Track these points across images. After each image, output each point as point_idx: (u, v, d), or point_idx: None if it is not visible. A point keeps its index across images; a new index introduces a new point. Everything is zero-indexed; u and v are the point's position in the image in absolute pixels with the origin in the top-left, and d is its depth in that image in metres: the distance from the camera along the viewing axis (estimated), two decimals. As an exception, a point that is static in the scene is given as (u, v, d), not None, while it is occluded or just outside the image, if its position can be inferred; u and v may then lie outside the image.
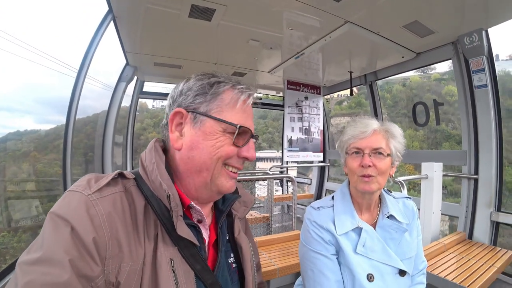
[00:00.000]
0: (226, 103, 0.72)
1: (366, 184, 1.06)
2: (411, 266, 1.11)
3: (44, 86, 3.29)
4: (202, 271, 0.69)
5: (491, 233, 2.45)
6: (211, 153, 0.70)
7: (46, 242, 0.54)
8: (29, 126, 3.15)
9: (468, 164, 2.68)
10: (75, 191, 0.61)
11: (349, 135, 1.10)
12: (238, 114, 0.72)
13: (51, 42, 2.90)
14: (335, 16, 2.32)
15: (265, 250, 2.28)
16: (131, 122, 4.21)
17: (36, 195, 2.97)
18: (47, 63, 2.76)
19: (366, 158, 1.05)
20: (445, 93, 27.55)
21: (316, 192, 5.28)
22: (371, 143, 1.06)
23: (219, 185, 0.73)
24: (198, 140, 0.70)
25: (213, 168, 0.71)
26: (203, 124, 0.71)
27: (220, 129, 0.71)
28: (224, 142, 0.71)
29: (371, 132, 1.07)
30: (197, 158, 0.70)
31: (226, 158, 0.72)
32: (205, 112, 0.71)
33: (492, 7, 2.16)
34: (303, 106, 4.51)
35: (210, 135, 0.70)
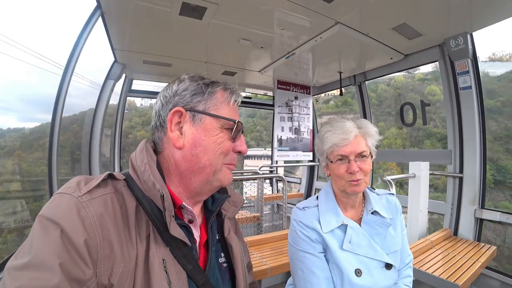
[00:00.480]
0: (220, 101, 0.75)
1: (355, 187, 1.08)
2: (397, 260, 1.14)
3: (29, 84, 3.19)
4: (193, 271, 0.69)
5: (475, 229, 2.54)
6: (214, 149, 0.72)
7: (35, 246, 0.53)
8: (12, 124, 3.05)
9: (453, 163, 2.76)
10: (65, 193, 0.59)
11: (330, 142, 1.10)
12: (231, 111, 0.77)
13: (36, 38, 2.81)
14: (326, 17, 2.34)
15: (256, 250, 2.28)
16: (119, 120, 4.12)
17: (22, 195, 2.88)
18: (32, 60, 2.67)
19: (353, 164, 1.07)
20: (427, 93, 28.60)
21: (305, 191, 5.33)
22: (355, 148, 1.08)
23: (221, 179, 0.75)
24: (200, 137, 0.72)
25: (216, 164, 0.73)
26: (202, 121, 0.73)
27: (219, 126, 0.74)
28: (223, 138, 0.74)
29: (353, 137, 1.08)
30: (201, 155, 0.72)
31: (226, 153, 0.75)
32: (204, 110, 0.73)
33: (476, 12, 2.24)
34: (293, 105, 4.54)
35: (211, 132, 0.73)
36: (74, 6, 2.99)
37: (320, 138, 1.17)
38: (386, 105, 29.56)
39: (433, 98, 26.65)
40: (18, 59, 2.52)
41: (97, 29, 2.49)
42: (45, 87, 2.81)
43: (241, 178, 3.45)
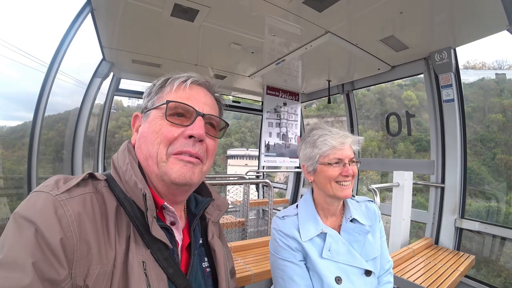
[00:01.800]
0: (167, 92, 0.75)
1: (346, 191, 1.11)
2: (377, 266, 1.16)
3: (10, 80, 3.08)
4: (175, 275, 0.67)
5: (455, 238, 2.61)
6: (152, 138, 0.70)
7: (7, 244, 0.51)
8: None
9: (436, 173, 2.84)
10: (42, 191, 0.58)
11: (328, 145, 1.12)
12: (175, 97, 0.72)
13: (20, 33, 2.73)
14: (316, 26, 2.38)
15: (240, 256, 2.25)
16: (105, 120, 4.02)
17: (3, 193, 2.79)
18: (15, 56, 2.59)
19: (348, 168, 1.11)
20: (404, 98, 29.83)
21: (291, 197, 5.34)
22: (348, 153, 1.13)
23: (168, 172, 0.68)
24: (144, 130, 0.73)
25: (155, 154, 0.69)
26: (148, 116, 0.74)
27: (160, 114, 0.72)
28: (162, 125, 0.70)
29: (348, 143, 1.14)
30: (142, 146, 0.72)
31: (168, 140, 0.69)
32: (151, 106, 0.75)
33: (459, 29, 2.35)
34: (281, 111, 4.57)
35: (152, 122, 0.72)
36: (62, 1, 2.92)
37: (310, 143, 1.17)
38: (365, 109, 30.66)
39: (409, 103, 28.00)
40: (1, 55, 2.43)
41: (86, 25, 2.44)
42: (28, 84, 2.71)
43: (227, 183, 3.42)
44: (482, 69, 28.18)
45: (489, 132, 19.85)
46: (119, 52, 3.07)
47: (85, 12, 2.25)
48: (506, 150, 17.70)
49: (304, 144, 1.20)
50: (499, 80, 17.59)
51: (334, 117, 31.69)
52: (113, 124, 27.11)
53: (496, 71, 19.09)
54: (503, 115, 19.27)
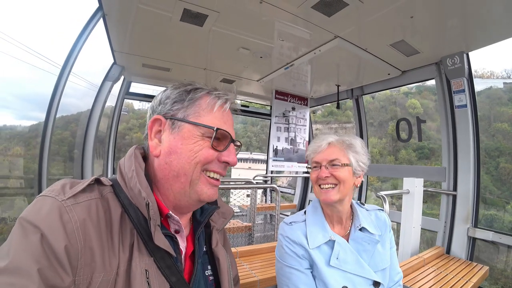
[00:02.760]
0: (203, 108, 0.72)
1: (326, 194, 1.10)
2: (386, 278, 1.12)
3: (27, 82, 3.17)
4: (177, 283, 0.67)
5: (467, 248, 2.52)
6: (189, 157, 0.69)
7: (13, 249, 0.51)
8: (8, 121, 3.04)
9: (447, 181, 2.76)
10: (48, 196, 0.58)
11: (309, 151, 1.18)
12: (216, 119, 0.73)
13: (37, 37, 2.82)
14: (325, 31, 2.37)
15: (246, 261, 2.23)
16: (115, 122, 4.10)
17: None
18: (32, 59, 2.66)
19: (323, 170, 1.11)
20: (408, 106, 29.69)
21: (299, 203, 5.29)
22: (327, 155, 1.12)
23: (198, 192, 0.71)
24: (177, 145, 0.70)
25: (191, 173, 0.69)
26: (181, 129, 0.71)
27: (199, 134, 0.70)
28: (202, 146, 0.70)
29: (326, 145, 1.13)
30: (175, 163, 0.69)
31: (205, 162, 0.71)
32: (183, 117, 0.71)
33: (471, 33, 2.29)
34: (290, 116, 4.55)
35: (188, 139, 0.70)
36: (75, 7, 3.02)
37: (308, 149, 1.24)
38: (369, 116, 30.73)
39: (413, 111, 27.89)
40: (17, 58, 2.51)
41: (98, 30, 2.49)
42: (43, 86, 2.79)
43: (234, 187, 3.42)
44: (490, 78, 27.94)
45: (494, 141, 19.65)
46: (130, 56, 3.12)
47: (97, 17, 2.30)
48: (510, 160, 17.46)
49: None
50: (507, 89, 17.33)
51: (338, 124, 31.68)
52: (124, 126, 27.76)
53: (505, 80, 18.87)
54: (508, 124, 19.07)
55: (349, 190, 1.12)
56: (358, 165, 1.14)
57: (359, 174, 1.15)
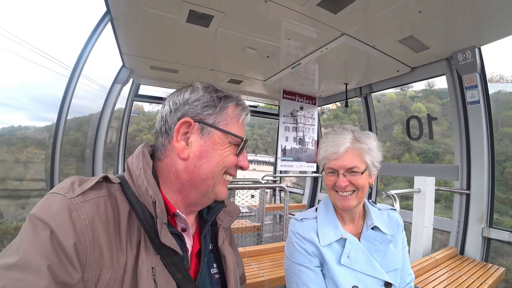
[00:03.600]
0: (231, 117, 0.75)
1: (344, 202, 1.06)
2: (397, 279, 1.09)
3: (40, 84, 3.26)
4: (183, 281, 0.67)
5: (482, 249, 2.44)
6: (218, 162, 0.73)
7: (23, 246, 0.52)
8: (23, 122, 3.13)
9: (460, 179, 2.69)
10: (57, 193, 0.59)
11: (322, 155, 1.10)
12: (239, 128, 0.77)
13: (49, 40, 2.91)
14: (332, 28, 2.34)
15: (254, 261, 2.22)
16: (125, 123, 4.17)
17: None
18: (46, 63, 2.74)
19: (341, 179, 1.04)
20: (413, 109, 29.43)
21: (308, 203, 5.25)
22: (345, 162, 1.05)
23: (217, 192, 0.75)
24: (208, 150, 0.72)
25: (217, 176, 0.73)
26: (211, 135, 0.73)
27: (228, 141, 0.74)
28: (230, 152, 0.74)
29: (343, 151, 1.05)
30: (204, 167, 0.72)
31: (230, 167, 0.75)
32: (213, 123, 0.73)
33: (483, 27, 2.22)
34: (298, 116, 4.52)
35: (219, 145, 0.73)
36: (84, 11, 3.10)
37: (318, 149, 1.17)
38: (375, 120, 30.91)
39: (419, 115, 27.56)
40: (32, 61, 2.58)
41: (107, 33, 2.54)
42: (56, 88, 2.86)
43: (242, 187, 3.42)
44: (499, 82, 27.36)
45: (501, 145, 19.25)
46: (138, 58, 3.17)
47: (105, 21, 2.35)
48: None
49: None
50: None
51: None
52: (134, 128, 28.32)
53: None
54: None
55: (365, 193, 1.09)
56: (373, 165, 1.10)
57: (373, 174, 1.12)
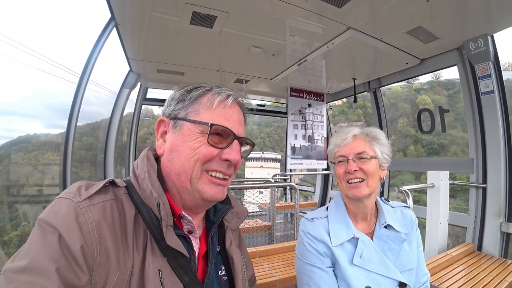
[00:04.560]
0: (203, 105, 0.72)
1: (355, 190, 1.05)
2: (412, 279, 1.06)
3: (53, 93, 3.36)
4: (191, 283, 0.67)
5: (501, 244, 2.36)
6: (188, 155, 0.69)
7: (33, 249, 0.53)
8: (38, 130, 3.24)
9: (475, 173, 2.60)
10: (65, 198, 0.60)
11: (332, 144, 1.13)
12: (215, 115, 0.71)
13: (58, 49, 2.98)
14: (337, 22, 2.30)
15: (266, 260, 2.22)
16: (135, 127, 4.24)
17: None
18: (57, 72, 2.82)
19: (351, 163, 1.06)
20: (418, 102, 28.86)
21: (319, 201, 5.21)
22: (353, 148, 1.07)
23: (200, 191, 0.70)
24: (178, 143, 0.71)
25: (191, 171, 0.69)
26: (181, 127, 0.71)
27: (198, 131, 0.70)
28: (201, 143, 0.70)
29: (351, 138, 1.09)
30: (175, 160, 0.70)
31: (205, 160, 0.70)
32: (184, 116, 0.72)
33: (496, 13, 2.13)
34: (306, 113, 4.47)
35: (188, 137, 0.70)
36: (89, 18, 3.17)
37: (328, 145, 1.19)
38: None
39: (423, 107, 27.17)
40: (44, 71, 2.65)
41: (113, 39, 2.57)
42: (67, 95, 2.94)
43: (252, 186, 3.41)
44: (508, 70, 26.62)
45: None
46: (144, 62, 3.21)
47: (110, 27, 2.38)
48: None
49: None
50: None
51: (348, 122, 31.32)
52: (145, 131, 29.02)
53: None
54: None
55: (377, 184, 1.09)
56: (383, 157, 1.10)
57: (384, 167, 1.12)
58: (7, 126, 3.08)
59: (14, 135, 2.91)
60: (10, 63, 2.32)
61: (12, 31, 3.98)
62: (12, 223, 3.08)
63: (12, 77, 2.48)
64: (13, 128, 2.82)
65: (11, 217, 3.13)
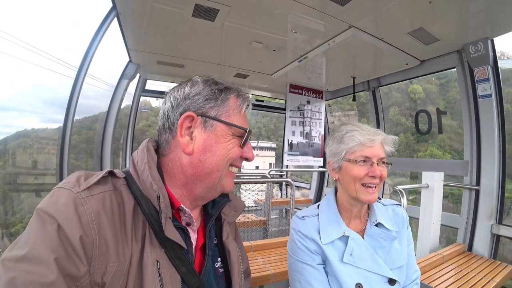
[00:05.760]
0: (233, 108, 0.75)
1: (371, 195, 1.04)
2: (402, 276, 1.08)
3: (50, 87, 3.34)
4: (187, 274, 0.68)
5: (491, 246, 2.41)
6: (223, 155, 0.73)
7: (31, 239, 0.53)
8: (35, 125, 3.22)
9: (469, 175, 2.64)
10: (64, 188, 0.60)
11: (355, 141, 1.04)
12: (242, 119, 0.77)
13: (55, 42, 2.95)
14: (339, 20, 2.30)
15: (260, 255, 2.24)
16: (132, 119, 4.21)
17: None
18: (55, 66, 2.79)
19: (376, 168, 1.02)
20: (409, 91, 28.96)
21: (315, 197, 5.25)
22: (378, 152, 1.05)
23: (224, 185, 0.76)
24: (211, 143, 0.72)
25: (222, 169, 0.73)
26: (214, 128, 0.72)
27: (230, 133, 0.74)
28: (234, 144, 0.74)
29: (379, 141, 1.05)
30: (209, 161, 0.72)
31: (235, 159, 0.75)
32: (216, 116, 0.73)
33: (497, 17, 2.14)
34: (305, 110, 4.48)
35: (222, 138, 0.73)
36: (89, 9, 3.13)
37: (337, 138, 1.11)
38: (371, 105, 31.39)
39: (415, 96, 27.05)
40: (40, 66, 2.62)
41: (113, 29, 2.54)
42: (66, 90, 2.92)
43: (249, 181, 3.43)
44: (500, 58, 26.93)
45: None
46: (145, 53, 3.18)
47: (111, 17, 2.35)
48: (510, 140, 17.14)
49: (331, 139, 1.14)
50: None
51: (342, 111, 31.09)
52: (144, 123, 28.96)
53: None
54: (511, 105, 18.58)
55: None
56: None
57: None
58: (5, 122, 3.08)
59: (12, 131, 2.90)
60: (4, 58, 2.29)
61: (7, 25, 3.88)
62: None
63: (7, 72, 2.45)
64: (12, 124, 2.80)
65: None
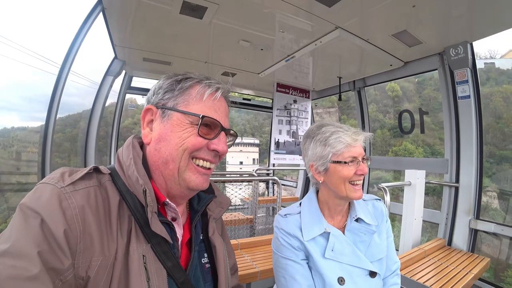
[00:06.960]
0: (193, 96, 0.73)
1: (358, 192, 1.07)
2: (382, 267, 1.12)
3: (31, 84, 3.21)
4: (173, 269, 0.68)
5: (469, 240, 2.52)
6: (177, 144, 0.70)
7: (14, 234, 0.53)
8: (15, 123, 3.10)
9: (449, 172, 2.75)
10: (48, 184, 0.59)
11: (343, 143, 1.05)
12: (205, 107, 0.73)
13: (36, 37, 2.83)
14: (326, 21, 2.33)
15: (247, 252, 2.26)
16: (117, 116, 4.11)
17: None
18: (33, 61, 2.68)
19: (362, 165, 1.06)
20: (387, 89, 29.87)
21: (301, 195, 5.31)
22: (361, 150, 1.08)
23: (186, 180, 0.72)
24: (166, 132, 0.71)
25: (179, 160, 0.71)
26: (170, 117, 0.72)
27: (187, 122, 0.71)
28: (190, 133, 0.71)
29: (361, 140, 1.08)
30: (163, 149, 0.71)
31: (193, 149, 0.72)
32: (173, 106, 0.73)
33: (476, 22, 2.24)
34: (291, 109, 4.52)
35: (177, 127, 0.71)
36: (74, 2, 3.01)
37: (321, 141, 1.09)
38: (353, 101, 31.62)
39: (392, 94, 28.00)
40: (20, 61, 2.52)
41: (98, 25, 2.48)
42: (47, 87, 2.83)
43: (235, 180, 3.43)
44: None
45: None
46: (131, 50, 3.12)
47: (96, 11, 2.29)
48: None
49: (313, 143, 1.11)
50: (487, 69, 16.80)
51: (323, 109, 31.60)
52: (130, 121, 28.49)
53: (486, 60, 18.28)
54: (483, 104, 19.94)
55: None
56: None
57: None
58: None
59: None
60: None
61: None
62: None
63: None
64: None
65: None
